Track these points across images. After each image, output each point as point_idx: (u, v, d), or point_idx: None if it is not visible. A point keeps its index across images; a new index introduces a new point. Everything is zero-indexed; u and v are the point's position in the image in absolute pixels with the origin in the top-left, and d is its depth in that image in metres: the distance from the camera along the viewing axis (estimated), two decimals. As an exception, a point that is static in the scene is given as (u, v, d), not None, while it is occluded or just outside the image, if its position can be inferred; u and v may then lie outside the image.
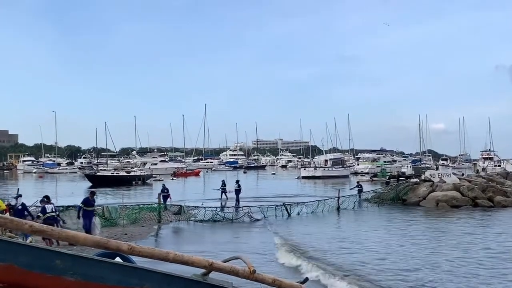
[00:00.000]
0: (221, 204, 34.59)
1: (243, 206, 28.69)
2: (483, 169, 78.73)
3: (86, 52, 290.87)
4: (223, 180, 39.80)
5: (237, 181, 36.48)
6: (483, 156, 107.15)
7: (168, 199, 29.80)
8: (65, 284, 3.28)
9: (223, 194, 37.97)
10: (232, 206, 30.49)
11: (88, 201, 19.66)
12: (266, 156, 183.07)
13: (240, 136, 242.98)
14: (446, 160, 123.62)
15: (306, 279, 5.42)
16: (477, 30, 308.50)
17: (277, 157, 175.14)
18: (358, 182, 39.85)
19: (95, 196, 20.54)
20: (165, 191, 30.35)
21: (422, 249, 18.25)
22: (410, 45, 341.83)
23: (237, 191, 35.17)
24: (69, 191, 46.01)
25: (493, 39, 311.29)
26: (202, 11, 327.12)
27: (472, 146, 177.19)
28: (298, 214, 28.87)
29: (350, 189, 40.32)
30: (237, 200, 34.26)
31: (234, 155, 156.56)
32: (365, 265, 15.34)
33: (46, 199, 18.43)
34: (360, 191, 37.11)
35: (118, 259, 4.06)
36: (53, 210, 17.83)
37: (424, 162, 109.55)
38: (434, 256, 16.82)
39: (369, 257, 16.65)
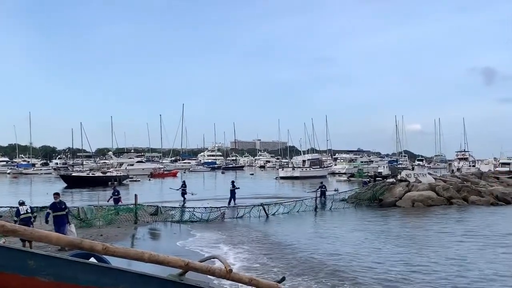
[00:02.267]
0: (181, 205, 32.86)
1: (221, 207, 28.58)
2: (458, 170, 79.99)
3: (62, 52, 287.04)
4: (184, 181, 38.99)
5: (233, 182, 36.22)
6: (458, 157, 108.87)
7: (119, 203, 28.42)
8: (38, 285, 3.22)
9: (183, 195, 36.54)
10: (225, 206, 30.07)
11: (55, 206, 17.43)
12: (245, 156, 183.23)
13: (218, 136, 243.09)
14: (422, 160, 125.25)
15: (283, 278, 5.41)
16: (451, 33, 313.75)
17: (255, 157, 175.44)
18: (321, 183, 36.19)
19: (60, 198, 18.20)
20: (116, 193, 29.34)
21: (394, 246, 18.49)
22: (386, 47, 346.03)
23: (232, 191, 34.81)
24: (44, 191, 45.29)
25: (466, 42, 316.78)
26: (179, 13, 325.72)
27: (448, 147, 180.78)
28: (274, 214, 28.94)
29: (314, 191, 36.19)
30: (233, 199, 34.08)
31: (212, 155, 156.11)
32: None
33: (21, 202, 17.79)
34: (323, 193, 34.88)
35: (92, 260, 4.01)
36: (27, 211, 17.23)
37: (401, 162, 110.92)
38: (404, 252, 17.07)
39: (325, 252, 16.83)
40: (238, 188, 35.68)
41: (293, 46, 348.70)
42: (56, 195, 18.17)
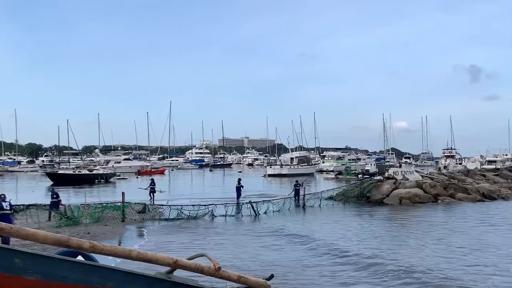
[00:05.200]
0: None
1: (209, 204, 28.49)
2: (445, 167, 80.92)
3: (47, 49, 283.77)
4: (152, 179, 38.50)
5: (239, 180, 36.34)
6: (445, 154, 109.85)
7: (60, 206, 25.97)
8: (25, 284, 3.18)
9: (151, 193, 35.20)
10: (234, 203, 30.20)
11: None
12: (233, 154, 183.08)
13: (206, 134, 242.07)
14: (409, 158, 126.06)
15: (272, 276, 5.41)
16: (435, 31, 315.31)
17: (243, 155, 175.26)
18: (296, 181, 34.58)
19: (3, 195, 17.03)
20: (55, 196, 26.17)
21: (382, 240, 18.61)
22: (372, 45, 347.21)
23: (238, 189, 35.11)
24: (30, 189, 44.92)
25: (451, 40, 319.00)
26: (166, 10, 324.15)
27: (435, 145, 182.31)
28: (266, 213, 28.95)
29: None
30: (238, 196, 34.25)
31: (200, 153, 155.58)
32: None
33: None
34: (297, 192, 33.28)
35: (80, 258, 3.98)
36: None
37: (388, 160, 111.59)
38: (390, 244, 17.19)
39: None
40: (242, 186, 35.95)
41: (278, 44, 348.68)
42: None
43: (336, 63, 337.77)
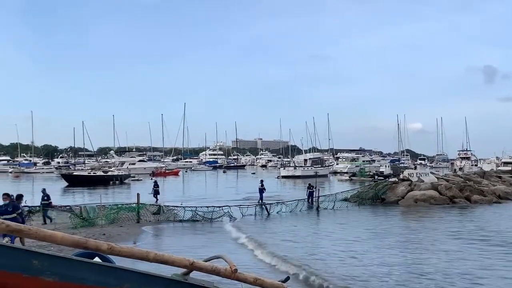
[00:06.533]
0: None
1: (224, 206, 28.53)
2: (460, 169, 79.98)
3: (63, 51, 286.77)
4: (156, 181, 38.53)
5: (261, 181, 36.63)
6: (461, 156, 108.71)
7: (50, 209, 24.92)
8: (42, 285, 3.20)
9: (156, 195, 35.57)
10: (256, 204, 30.70)
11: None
12: (246, 155, 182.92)
13: (219, 135, 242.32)
14: (424, 159, 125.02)
15: (288, 278, 5.39)
16: (450, 32, 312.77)
17: (257, 156, 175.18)
18: (309, 184, 34.78)
19: (8, 200, 15.79)
20: (46, 198, 24.77)
21: (400, 248, 18.47)
22: (385, 46, 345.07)
23: (261, 190, 35.35)
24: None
25: (464, 40, 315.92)
26: (180, 11, 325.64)
27: (450, 146, 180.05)
28: (278, 213, 29.05)
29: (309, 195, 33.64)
30: (261, 198, 34.42)
31: (214, 154, 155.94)
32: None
33: (18, 198, 17.09)
34: (311, 194, 33.48)
35: (97, 259, 3.99)
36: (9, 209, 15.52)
37: (403, 161, 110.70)
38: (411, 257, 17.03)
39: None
40: (265, 189, 35.96)
41: (292, 44, 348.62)
42: (5, 196, 16.01)
43: (349, 64, 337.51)
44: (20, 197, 17.53)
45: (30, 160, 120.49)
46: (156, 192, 35.80)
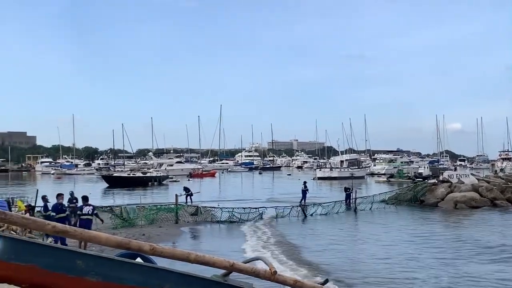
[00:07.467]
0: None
1: (260, 207, 28.58)
2: (501, 170, 77.90)
3: (103, 54, 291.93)
4: (185, 187, 38.56)
5: (305, 182, 36.64)
6: (501, 157, 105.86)
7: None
8: (86, 285, 3.26)
9: (188, 197, 35.40)
10: (297, 205, 30.65)
11: (56, 207, 16.26)
12: (282, 157, 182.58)
13: (255, 137, 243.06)
14: (463, 160, 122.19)
15: (327, 280, 5.34)
16: (488, 30, 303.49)
17: (292, 158, 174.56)
18: (345, 187, 35.03)
19: (62, 200, 16.85)
20: (74, 201, 22.06)
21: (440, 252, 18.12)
22: (422, 46, 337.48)
23: (304, 192, 35.38)
24: (87, 192, 46.33)
25: (503, 39, 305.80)
26: (216, 12, 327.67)
27: (490, 146, 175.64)
28: (312, 215, 29.00)
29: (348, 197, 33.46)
30: (304, 199, 34.45)
31: (250, 156, 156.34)
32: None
33: (85, 200, 17.42)
34: (348, 196, 33.26)
35: (139, 260, 4.04)
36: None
37: (442, 162, 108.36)
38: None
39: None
40: (308, 190, 35.87)
41: (328, 44, 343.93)
42: (59, 196, 16.85)
43: (385, 64, 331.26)
44: (85, 198, 17.68)
45: (72, 162, 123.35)
46: (189, 195, 35.78)
